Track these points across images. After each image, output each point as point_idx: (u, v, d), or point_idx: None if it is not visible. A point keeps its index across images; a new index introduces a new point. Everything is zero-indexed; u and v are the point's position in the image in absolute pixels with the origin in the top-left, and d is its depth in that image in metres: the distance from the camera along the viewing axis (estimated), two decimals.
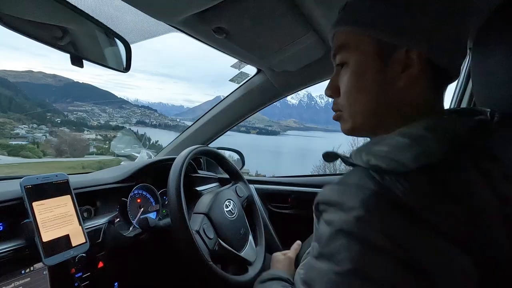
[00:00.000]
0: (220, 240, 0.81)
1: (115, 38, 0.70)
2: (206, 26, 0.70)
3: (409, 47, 0.39)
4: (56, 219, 0.63)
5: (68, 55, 0.58)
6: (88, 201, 0.77)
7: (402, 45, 0.39)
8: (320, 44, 0.90)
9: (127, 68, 0.70)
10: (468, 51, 0.48)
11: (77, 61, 0.56)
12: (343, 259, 0.31)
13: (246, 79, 1.17)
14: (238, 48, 0.83)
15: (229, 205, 0.92)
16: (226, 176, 1.19)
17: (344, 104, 0.45)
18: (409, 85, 0.40)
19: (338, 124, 0.50)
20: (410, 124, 0.39)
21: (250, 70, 1.13)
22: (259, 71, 1.13)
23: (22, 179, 0.61)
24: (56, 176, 0.67)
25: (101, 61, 0.65)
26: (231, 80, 1.16)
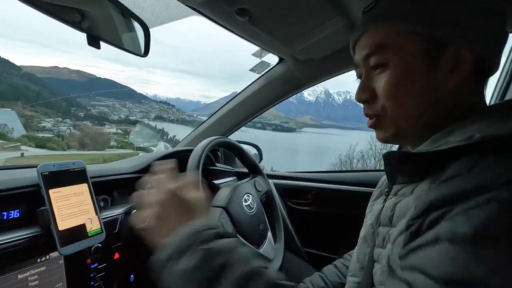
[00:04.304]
0: (238, 236, 0.77)
1: (134, 22, 0.67)
2: (229, 7, 0.66)
3: (460, 43, 0.36)
4: (73, 207, 0.61)
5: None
6: (105, 191, 0.76)
7: (452, 42, 0.37)
8: (348, 30, 0.83)
9: (145, 53, 0.67)
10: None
11: (94, 42, 0.53)
12: None
13: (267, 69, 1.12)
14: (261, 32, 0.78)
15: (248, 200, 0.88)
16: (244, 170, 1.15)
17: (388, 108, 0.41)
18: (460, 84, 0.38)
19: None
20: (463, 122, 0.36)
21: (272, 59, 1.08)
22: (281, 60, 1.07)
23: (39, 166, 0.59)
24: (73, 163, 0.65)
25: (119, 44, 0.62)
26: (252, 69, 1.11)
